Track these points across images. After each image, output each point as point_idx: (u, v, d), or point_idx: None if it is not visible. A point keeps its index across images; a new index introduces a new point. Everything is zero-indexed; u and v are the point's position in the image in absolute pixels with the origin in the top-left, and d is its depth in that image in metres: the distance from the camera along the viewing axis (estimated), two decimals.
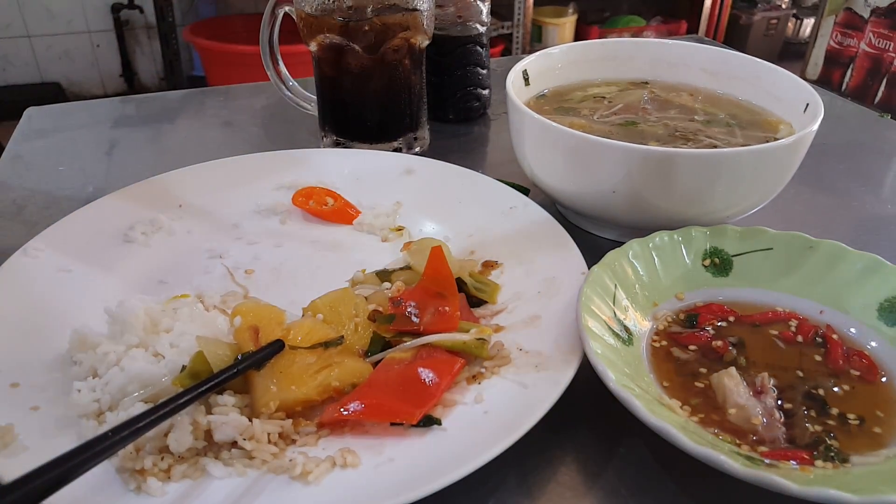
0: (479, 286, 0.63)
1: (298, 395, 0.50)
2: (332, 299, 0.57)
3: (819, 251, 0.60)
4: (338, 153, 0.83)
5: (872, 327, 0.56)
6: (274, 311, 0.56)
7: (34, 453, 0.46)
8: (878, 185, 0.89)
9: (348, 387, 0.52)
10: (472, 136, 1.00)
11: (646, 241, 0.61)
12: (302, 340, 0.53)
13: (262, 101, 1.11)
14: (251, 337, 0.53)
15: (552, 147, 0.67)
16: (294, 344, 0.52)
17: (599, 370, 0.47)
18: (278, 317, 0.55)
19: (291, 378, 0.51)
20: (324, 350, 0.53)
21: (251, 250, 0.71)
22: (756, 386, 0.51)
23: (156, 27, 3.06)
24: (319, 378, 0.51)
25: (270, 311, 0.56)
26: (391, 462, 0.46)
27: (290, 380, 0.51)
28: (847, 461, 0.46)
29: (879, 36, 1.43)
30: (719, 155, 0.61)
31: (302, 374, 0.51)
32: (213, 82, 2.96)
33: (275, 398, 0.50)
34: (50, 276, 0.62)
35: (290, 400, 0.50)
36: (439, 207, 0.75)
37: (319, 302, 0.58)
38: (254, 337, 0.53)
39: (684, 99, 0.82)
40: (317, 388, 0.51)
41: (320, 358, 0.52)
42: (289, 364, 0.51)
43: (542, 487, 0.48)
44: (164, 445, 0.47)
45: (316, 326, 0.54)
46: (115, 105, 1.12)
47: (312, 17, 0.80)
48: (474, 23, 0.96)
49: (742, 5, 3.94)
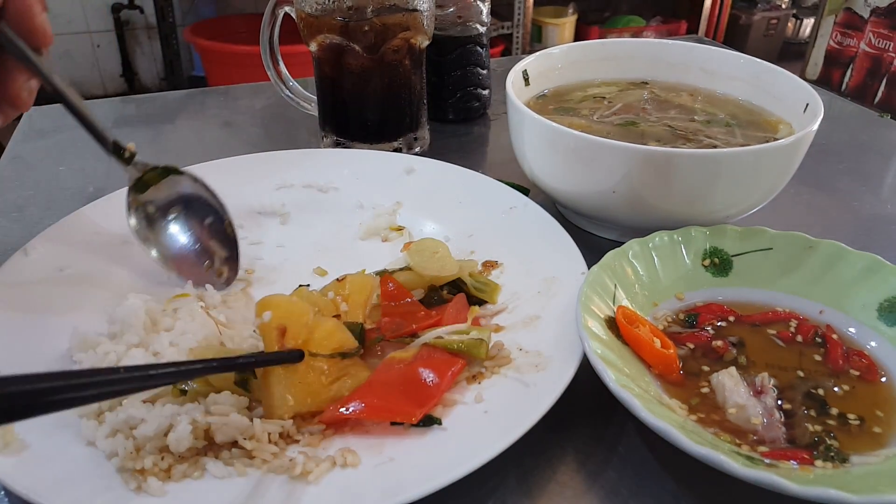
0: (479, 286, 0.63)
1: (312, 407, 0.50)
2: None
3: (819, 251, 0.60)
4: (338, 153, 0.83)
5: (872, 327, 0.56)
6: (301, 307, 0.53)
7: (34, 453, 0.46)
8: (878, 185, 0.89)
9: None
10: (472, 136, 1.00)
11: (646, 241, 0.61)
12: (321, 346, 0.52)
13: (262, 101, 1.11)
14: (277, 337, 0.51)
15: (552, 147, 0.67)
16: (314, 350, 0.51)
17: (599, 370, 0.47)
18: (305, 316, 0.53)
19: (307, 389, 0.50)
20: (340, 360, 0.52)
21: (252, 250, 0.71)
22: (756, 386, 0.51)
23: (156, 27, 3.06)
24: (333, 389, 0.51)
25: (298, 309, 0.53)
26: (391, 462, 0.46)
27: (307, 391, 0.50)
28: (847, 461, 0.46)
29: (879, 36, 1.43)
30: (719, 155, 0.62)
31: (318, 386, 0.51)
32: (214, 82, 2.96)
33: (290, 410, 0.50)
34: (50, 276, 0.62)
35: (303, 411, 0.50)
36: (439, 207, 0.75)
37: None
38: (280, 337, 0.51)
39: (684, 99, 0.82)
40: (329, 399, 0.51)
41: (335, 367, 0.52)
42: (306, 373, 0.51)
43: (542, 487, 0.48)
44: (164, 445, 0.47)
45: (336, 330, 0.53)
46: (115, 105, 1.12)
47: (312, 17, 0.80)
48: (474, 23, 0.96)
49: (742, 5, 3.94)
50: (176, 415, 0.48)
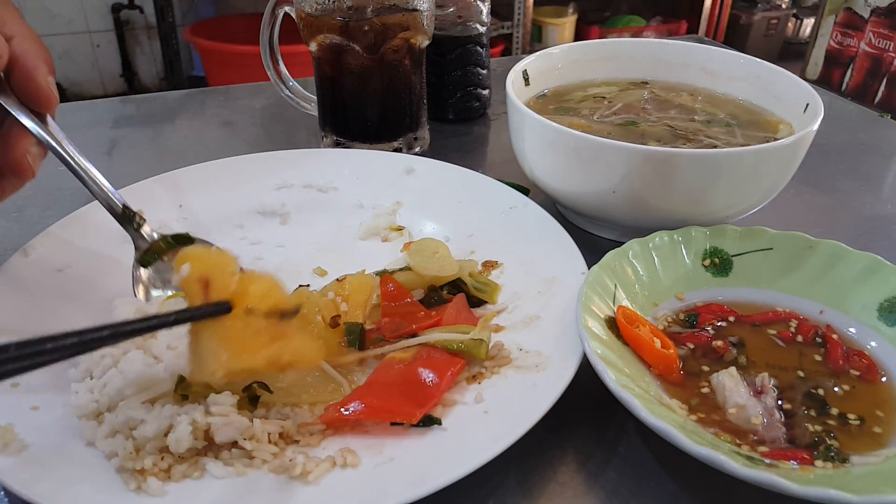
0: (479, 286, 0.63)
1: (247, 363, 0.46)
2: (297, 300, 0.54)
3: (819, 251, 0.60)
4: (338, 153, 0.83)
5: (872, 327, 0.56)
6: (225, 257, 0.49)
7: (34, 453, 0.46)
8: (878, 185, 0.89)
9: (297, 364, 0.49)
10: (472, 136, 1.00)
11: (646, 241, 0.61)
12: (257, 303, 0.47)
13: (262, 101, 1.11)
14: (200, 290, 0.46)
15: (552, 147, 0.67)
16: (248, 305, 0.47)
17: (599, 370, 0.47)
18: (230, 265, 0.48)
19: (242, 345, 0.46)
20: (279, 319, 0.48)
21: (252, 250, 0.71)
22: (756, 386, 0.51)
23: (156, 27, 3.06)
24: (271, 349, 0.47)
25: (221, 259, 0.48)
26: (391, 462, 0.46)
27: (241, 346, 0.46)
28: (847, 461, 0.46)
29: (879, 36, 1.43)
30: (719, 155, 0.62)
31: (253, 343, 0.46)
32: (213, 82, 2.96)
33: (223, 366, 0.45)
34: (50, 276, 0.62)
35: (237, 368, 0.46)
36: (439, 207, 0.75)
37: None
38: (203, 290, 0.46)
39: (684, 99, 0.82)
40: (266, 359, 0.46)
41: (273, 327, 0.47)
42: (242, 328, 0.46)
43: (542, 487, 0.48)
44: (164, 446, 0.47)
45: (273, 287, 0.48)
46: (115, 105, 1.12)
47: (312, 17, 0.80)
48: (474, 23, 0.96)
49: (742, 5, 3.94)
50: (176, 415, 0.48)
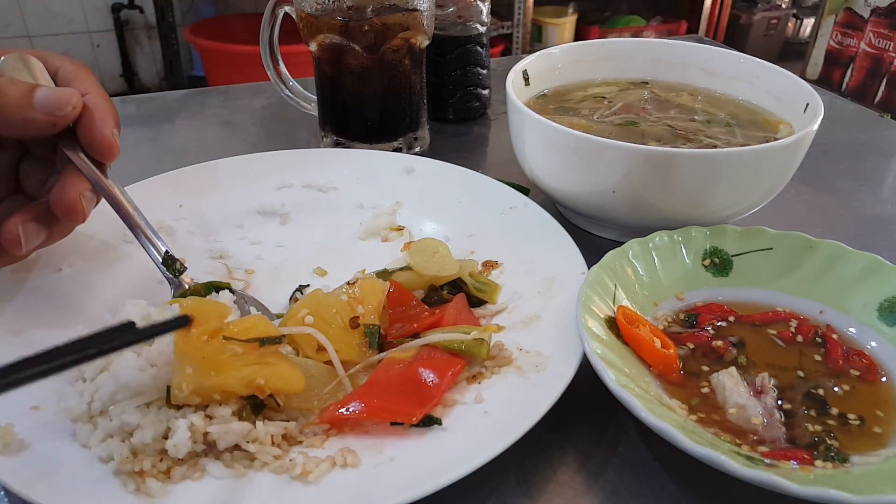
0: (479, 286, 0.63)
1: (216, 381, 0.48)
2: (314, 302, 0.56)
3: (819, 251, 0.60)
4: (338, 153, 0.83)
5: (872, 327, 0.56)
6: (219, 307, 0.52)
7: (34, 453, 0.46)
8: (878, 185, 0.89)
9: (277, 390, 0.50)
10: (472, 136, 1.00)
11: (646, 241, 0.61)
12: (239, 333, 0.49)
13: (262, 101, 1.11)
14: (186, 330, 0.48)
15: (552, 147, 0.67)
16: (230, 335, 0.49)
17: (599, 370, 0.47)
18: (222, 311, 0.51)
19: (214, 365, 0.48)
20: (259, 346, 0.50)
21: (252, 250, 0.71)
22: (756, 386, 0.51)
23: (156, 27, 3.06)
24: (246, 371, 0.48)
25: (214, 307, 0.51)
26: (391, 462, 0.46)
27: (209, 364, 0.48)
28: (847, 461, 0.46)
29: (879, 36, 1.43)
30: (719, 155, 0.62)
31: (227, 365, 0.48)
32: (213, 82, 2.96)
33: (189, 381, 0.47)
34: (49, 276, 0.62)
35: (206, 386, 0.48)
36: (439, 207, 0.75)
37: (305, 301, 0.56)
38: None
39: (684, 99, 0.82)
40: (241, 380, 0.48)
41: (253, 353, 0.49)
42: (216, 352, 0.48)
43: (542, 487, 0.48)
44: (161, 448, 0.46)
45: (260, 324, 0.51)
46: (115, 105, 1.11)
47: (312, 17, 0.80)
48: (474, 23, 0.96)
49: (742, 5, 3.94)
50: (173, 418, 0.47)
